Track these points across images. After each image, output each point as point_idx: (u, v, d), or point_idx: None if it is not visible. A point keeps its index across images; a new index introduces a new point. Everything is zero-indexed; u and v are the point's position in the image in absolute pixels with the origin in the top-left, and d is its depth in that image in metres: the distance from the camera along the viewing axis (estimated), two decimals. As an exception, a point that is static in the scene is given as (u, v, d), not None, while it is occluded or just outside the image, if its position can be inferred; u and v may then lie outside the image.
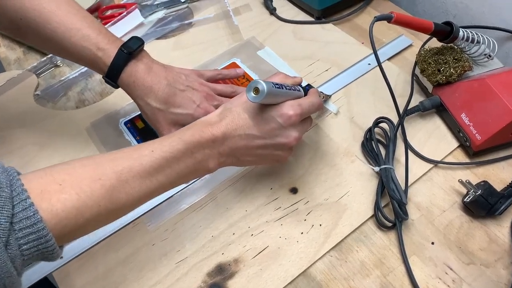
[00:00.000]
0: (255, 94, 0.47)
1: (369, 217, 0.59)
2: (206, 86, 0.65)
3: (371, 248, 0.57)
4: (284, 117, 0.51)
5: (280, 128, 0.52)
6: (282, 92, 0.51)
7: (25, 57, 0.84)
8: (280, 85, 0.51)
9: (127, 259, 0.58)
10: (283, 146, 0.53)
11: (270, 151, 0.54)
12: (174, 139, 0.48)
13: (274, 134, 0.52)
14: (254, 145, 0.52)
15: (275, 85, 0.49)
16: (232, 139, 0.51)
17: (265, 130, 0.52)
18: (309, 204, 0.60)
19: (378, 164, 0.61)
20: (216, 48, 0.81)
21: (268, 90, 0.47)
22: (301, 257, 0.56)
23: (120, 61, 0.58)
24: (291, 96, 0.53)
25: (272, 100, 0.51)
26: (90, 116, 0.73)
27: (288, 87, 0.53)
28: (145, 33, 0.84)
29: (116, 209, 0.44)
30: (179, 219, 0.61)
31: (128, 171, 0.44)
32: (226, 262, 0.56)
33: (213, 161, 0.51)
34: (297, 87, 0.56)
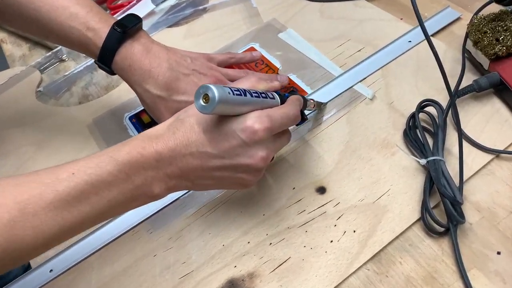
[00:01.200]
0: (204, 102, 0.37)
1: (415, 221, 0.47)
2: (216, 71, 0.56)
3: (418, 259, 0.45)
4: (247, 132, 0.40)
5: (243, 146, 0.41)
6: (245, 100, 0.40)
7: (30, 53, 0.78)
8: (242, 91, 0.40)
9: (124, 273, 0.49)
10: (247, 168, 0.42)
11: (232, 174, 0.43)
12: (103, 158, 0.38)
13: (234, 152, 0.41)
14: (210, 166, 0.41)
15: (235, 91, 0.38)
16: (182, 158, 0.41)
17: (224, 148, 0.41)
18: (339, 206, 0.50)
19: (425, 156, 0.50)
20: (232, 34, 0.72)
21: (220, 98, 0.36)
22: (330, 271, 0.45)
23: (113, 42, 0.50)
24: (260, 105, 0.42)
25: (231, 110, 0.40)
26: (93, 112, 0.66)
27: (256, 94, 0.41)
28: (156, 21, 0.77)
29: (19, 250, 0.34)
30: (185, 225, 0.52)
31: (38, 200, 0.34)
32: (239, 277, 0.47)
33: (159, 185, 0.41)
34: (271, 93, 0.44)
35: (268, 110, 0.42)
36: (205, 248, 0.49)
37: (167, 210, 0.53)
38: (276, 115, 0.42)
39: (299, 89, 0.61)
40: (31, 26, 0.53)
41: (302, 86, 0.62)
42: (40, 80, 0.73)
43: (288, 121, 0.44)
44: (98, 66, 0.52)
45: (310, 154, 0.55)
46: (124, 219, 0.53)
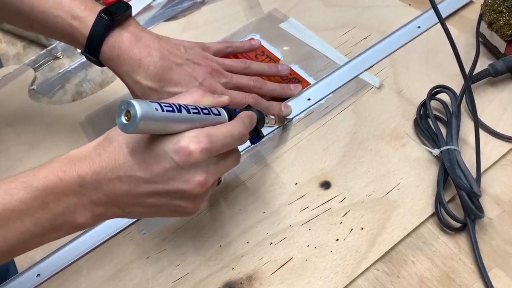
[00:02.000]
0: (126, 120, 0.32)
1: (429, 216, 0.43)
2: (212, 60, 0.52)
3: (433, 258, 0.41)
4: (181, 154, 0.35)
5: (176, 169, 0.35)
6: (179, 117, 0.35)
7: (24, 51, 0.76)
8: (177, 106, 0.35)
9: (115, 277, 0.46)
10: (183, 194, 0.37)
11: (167, 200, 0.37)
12: (15, 184, 0.33)
13: (167, 177, 0.36)
14: (140, 192, 0.36)
15: (165, 107, 0.34)
16: (108, 183, 0.36)
17: (155, 172, 0.35)
18: (346, 202, 0.46)
19: (438, 146, 0.46)
20: (232, 26, 0.69)
21: (143, 115, 0.31)
22: (336, 272, 0.42)
23: (100, 30, 0.47)
24: (200, 123, 0.37)
25: (163, 128, 0.35)
26: (86, 109, 0.63)
27: (196, 110, 0.36)
28: (153, 15, 0.74)
29: None
30: (180, 225, 0.48)
31: None
32: (237, 280, 0.43)
33: (84, 213, 0.36)
34: (218, 109, 0.39)
35: (209, 128, 0.37)
36: (201, 249, 0.46)
37: (161, 209, 0.50)
38: (218, 134, 0.37)
39: (302, 80, 0.58)
40: (14, 16, 0.50)
41: (305, 76, 0.58)
42: (33, 78, 0.70)
43: (232, 141, 0.38)
44: (85, 57, 0.49)
45: (314, 147, 0.51)
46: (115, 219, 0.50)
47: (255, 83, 0.53)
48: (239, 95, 0.51)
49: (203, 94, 0.40)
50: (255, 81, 0.53)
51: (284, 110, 0.54)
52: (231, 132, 0.38)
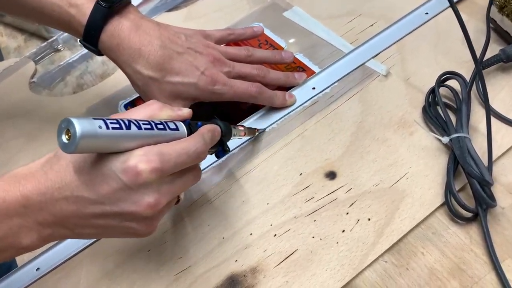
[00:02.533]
0: (67, 139, 0.30)
1: (438, 206, 0.42)
2: (214, 49, 0.51)
3: (443, 249, 0.40)
4: (129, 174, 0.32)
5: (125, 190, 0.33)
6: (128, 134, 0.32)
7: (25, 44, 0.75)
8: (125, 122, 0.32)
9: (116, 270, 0.45)
10: (133, 216, 0.34)
11: (117, 222, 0.35)
12: None
13: (115, 197, 0.33)
14: (88, 213, 0.34)
15: (111, 123, 0.31)
16: (55, 203, 0.33)
17: (103, 192, 0.33)
18: (352, 192, 0.45)
19: (448, 134, 0.44)
20: (234, 15, 0.67)
21: (84, 134, 0.29)
22: (343, 263, 0.40)
23: (98, 18, 0.46)
24: (153, 139, 0.34)
25: (109, 146, 0.32)
26: (87, 101, 0.62)
27: (149, 125, 0.34)
28: (155, 5, 0.72)
29: None
30: (182, 217, 0.47)
31: None
32: (240, 272, 0.42)
33: (29, 235, 0.34)
34: (175, 123, 0.37)
35: (161, 145, 0.34)
36: (203, 242, 0.44)
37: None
38: (171, 151, 0.34)
39: (306, 69, 0.56)
40: (10, 4, 0.49)
41: (309, 65, 0.57)
42: (34, 71, 0.69)
43: (188, 159, 0.35)
44: (83, 46, 0.48)
45: (319, 137, 0.49)
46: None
47: (259, 72, 0.52)
48: (242, 85, 0.50)
49: (161, 107, 0.37)
50: (258, 70, 0.52)
51: (288, 99, 0.53)
52: (186, 149, 0.35)
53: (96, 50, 0.48)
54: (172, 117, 0.38)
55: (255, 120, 0.53)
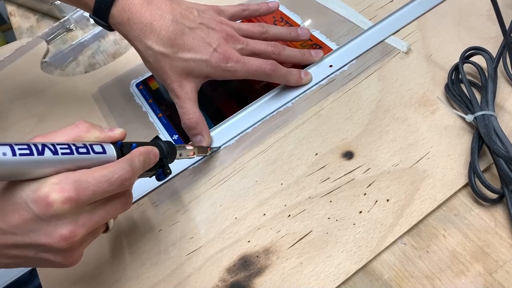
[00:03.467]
0: None
1: (462, 187, 0.40)
2: (227, 25, 0.49)
3: (466, 231, 0.38)
4: (40, 204, 0.30)
5: (36, 220, 0.30)
6: (39, 161, 0.29)
7: (38, 24, 0.74)
8: (37, 147, 0.30)
9: (126, 249, 0.44)
10: (46, 248, 0.31)
11: (32, 253, 0.32)
12: None
13: (27, 228, 0.30)
14: (1, 244, 0.31)
15: (20, 149, 0.29)
16: None
17: (14, 222, 0.30)
18: (370, 172, 0.43)
19: (472, 112, 0.42)
20: (249, -8, 0.66)
21: None
22: (359, 245, 0.39)
23: (109, -8, 0.45)
24: (72, 164, 0.31)
25: (17, 174, 0.30)
26: (99, 80, 0.61)
27: (68, 149, 0.31)
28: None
29: None
30: (194, 197, 0.46)
31: None
32: (253, 253, 0.40)
33: None
34: (103, 146, 0.34)
35: (80, 172, 0.31)
36: (215, 222, 0.43)
37: (175, 180, 0.48)
38: (89, 179, 0.31)
39: (323, 46, 0.54)
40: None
41: (326, 42, 0.55)
42: (46, 51, 0.68)
43: (110, 187, 0.32)
44: (94, 21, 0.47)
45: (335, 116, 0.48)
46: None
47: (273, 49, 0.50)
48: (256, 62, 0.48)
49: (88, 128, 0.34)
50: (273, 47, 0.50)
51: (303, 77, 0.51)
52: (108, 176, 0.32)
53: (106, 25, 0.47)
54: (100, 138, 0.35)
55: (269, 99, 0.51)
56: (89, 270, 0.43)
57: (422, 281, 0.36)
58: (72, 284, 0.43)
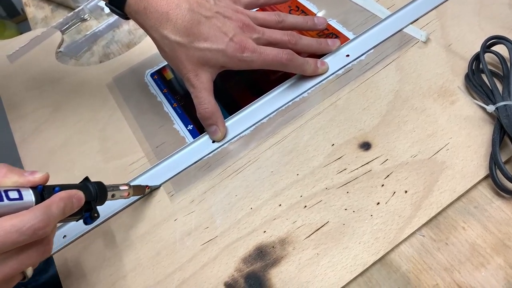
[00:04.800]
0: None
1: (482, 179, 0.39)
2: (243, 14, 0.49)
3: (486, 224, 0.37)
4: None
5: None
6: None
7: (52, 14, 0.74)
8: None
9: (142, 239, 0.44)
10: None
11: None
12: None
13: None
14: None
15: None
16: None
17: None
18: (388, 163, 0.42)
19: (493, 102, 0.41)
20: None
21: None
22: (377, 237, 0.38)
23: (125, -20, 0.44)
24: None
25: None
26: (113, 70, 0.61)
27: None
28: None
29: None
30: (210, 187, 0.45)
31: None
32: (269, 244, 0.40)
33: None
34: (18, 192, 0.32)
35: None
36: (231, 212, 0.43)
37: (190, 170, 0.47)
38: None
39: (340, 35, 0.54)
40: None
41: (343, 32, 0.54)
42: (61, 41, 0.68)
43: (20, 237, 0.30)
44: (110, 10, 0.47)
45: (352, 106, 0.47)
46: (143, 181, 0.48)
47: (290, 38, 0.49)
48: (272, 52, 0.47)
49: (6, 173, 0.33)
50: (289, 36, 0.49)
51: (320, 67, 0.50)
52: (18, 226, 0.30)
53: (122, 14, 0.47)
54: (19, 183, 0.33)
55: (284, 89, 0.51)
56: (105, 258, 0.44)
57: (441, 274, 0.36)
58: (89, 272, 0.43)
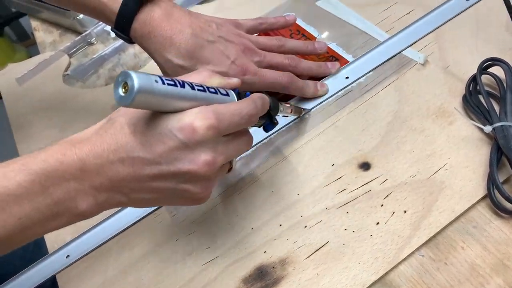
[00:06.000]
0: (124, 92, 0.29)
1: (480, 199, 0.40)
2: (245, 38, 0.50)
3: (485, 244, 0.37)
4: (185, 131, 0.32)
5: (181, 148, 0.33)
6: (182, 93, 0.32)
7: (60, 39, 0.76)
8: (180, 81, 0.32)
9: (143, 258, 0.44)
10: (190, 175, 0.34)
11: (173, 184, 0.34)
12: (14, 167, 0.31)
13: (172, 157, 0.33)
14: (145, 175, 0.33)
15: (167, 80, 0.31)
16: (111, 166, 0.33)
17: (159, 152, 0.32)
18: (387, 183, 0.43)
19: (490, 123, 0.42)
20: (265, 6, 0.66)
21: (141, 87, 0.29)
22: (377, 257, 0.38)
23: (130, 6, 0.46)
24: (206, 101, 0.34)
25: (164, 104, 0.32)
26: (119, 92, 0.62)
27: (201, 88, 0.34)
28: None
29: None
30: (211, 207, 0.46)
31: None
32: (269, 264, 0.40)
33: (86, 200, 0.33)
34: (225, 90, 0.37)
35: (215, 105, 0.34)
36: (232, 232, 0.43)
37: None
38: (225, 111, 0.34)
39: (340, 58, 0.55)
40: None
41: (343, 54, 0.55)
42: (68, 64, 0.70)
43: (241, 120, 0.35)
44: (115, 34, 0.48)
45: (352, 127, 0.48)
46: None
47: (290, 62, 0.50)
48: (273, 74, 0.49)
49: (211, 74, 0.37)
50: (290, 59, 0.50)
51: (320, 89, 0.51)
52: (239, 110, 0.35)
53: (127, 38, 0.48)
54: (222, 84, 0.37)
55: (286, 110, 0.52)
56: (107, 278, 0.44)
57: (440, 294, 0.36)
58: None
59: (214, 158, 0.34)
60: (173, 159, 0.33)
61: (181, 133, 0.32)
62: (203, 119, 0.32)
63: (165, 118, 0.33)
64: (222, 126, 0.34)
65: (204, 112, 0.33)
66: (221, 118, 0.33)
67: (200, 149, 0.33)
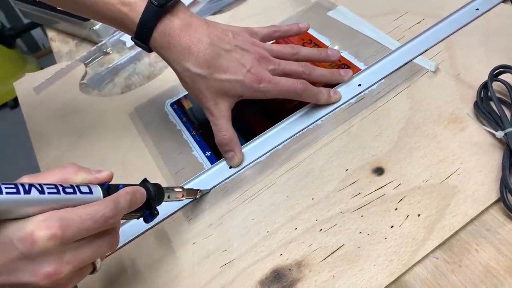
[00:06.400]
0: None
1: (493, 202, 0.40)
2: (260, 47, 0.51)
3: (499, 246, 0.38)
4: (26, 242, 0.30)
5: (21, 259, 0.31)
6: (26, 200, 0.30)
7: (76, 49, 0.78)
8: (24, 187, 0.31)
9: (161, 261, 0.45)
10: (31, 286, 0.31)
11: None
12: None
13: (12, 268, 0.31)
14: None
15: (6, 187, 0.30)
16: None
17: (1, 262, 0.31)
18: (401, 188, 0.43)
19: (502, 128, 0.43)
20: (278, 17, 0.68)
21: None
22: (391, 259, 0.39)
23: (151, 17, 0.47)
24: (58, 204, 0.32)
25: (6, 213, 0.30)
26: (135, 100, 0.64)
27: (55, 189, 0.32)
28: (199, 9, 0.74)
29: None
30: (227, 211, 0.47)
31: None
32: (285, 266, 0.41)
33: None
34: (90, 187, 0.35)
35: (64, 210, 0.32)
36: (248, 235, 0.44)
37: (207, 196, 0.49)
38: (74, 216, 0.32)
39: (352, 66, 0.56)
40: (65, 2, 0.51)
41: (355, 62, 0.56)
42: (84, 73, 0.72)
43: (95, 224, 0.33)
44: (134, 43, 0.50)
45: (365, 133, 0.49)
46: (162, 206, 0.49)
47: (304, 69, 0.51)
48: (287, 82, 0.50)
49: (76, 170, 0.36)
50: (304, 67, 0.52)
51: (333, 96, 0.52)
52: (92, 214, 0.33)
53: (146, 47, 0.49)
54: (88, 180, 0.36)
55: (299, 117, 0.53)
56: (126, 280, 0.45)
57: (455, 295, 0.36)
58: (110, 294, 0.44)
59: (57, 269, 0.31)
60: (14, 270, 0.31)
61: (21, 244, 0.30)
62: (46, 228, 0.30)
63: (6, 226, 0.31)
64: (67, 234, 0.31)
65: (48, 220, 0.31)
66: (68, 225, 0.31)
67: (41, 260, 0.31)
